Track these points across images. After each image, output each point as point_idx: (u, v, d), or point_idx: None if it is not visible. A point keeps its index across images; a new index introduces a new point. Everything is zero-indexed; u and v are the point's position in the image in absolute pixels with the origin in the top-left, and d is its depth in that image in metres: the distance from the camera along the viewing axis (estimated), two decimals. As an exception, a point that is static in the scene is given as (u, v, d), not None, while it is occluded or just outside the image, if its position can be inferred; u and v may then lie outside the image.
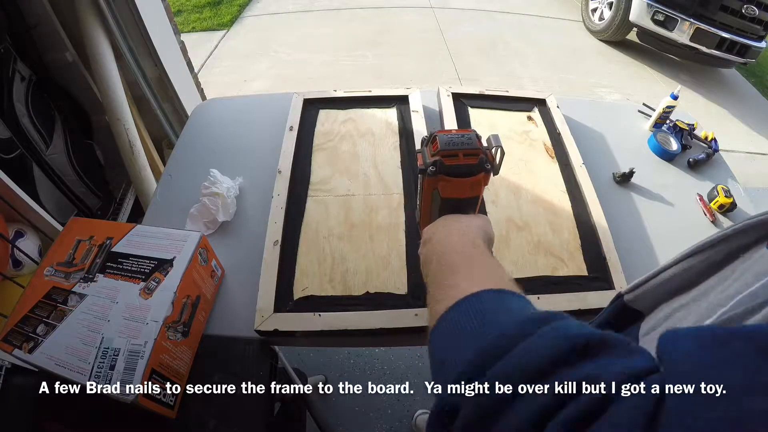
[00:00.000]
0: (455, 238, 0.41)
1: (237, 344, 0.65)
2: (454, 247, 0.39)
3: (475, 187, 0.45)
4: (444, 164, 0.42)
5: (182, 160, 0.93)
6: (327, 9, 3.47)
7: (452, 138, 0.43)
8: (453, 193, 0.44)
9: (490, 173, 0.44)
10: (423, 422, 1.24)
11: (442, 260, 0.38)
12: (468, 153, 0.42)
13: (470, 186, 0.44)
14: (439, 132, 0.44)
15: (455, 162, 0.42)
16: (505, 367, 0.22)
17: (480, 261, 0.37)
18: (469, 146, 0.42)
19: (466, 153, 0.42)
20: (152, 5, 1.41)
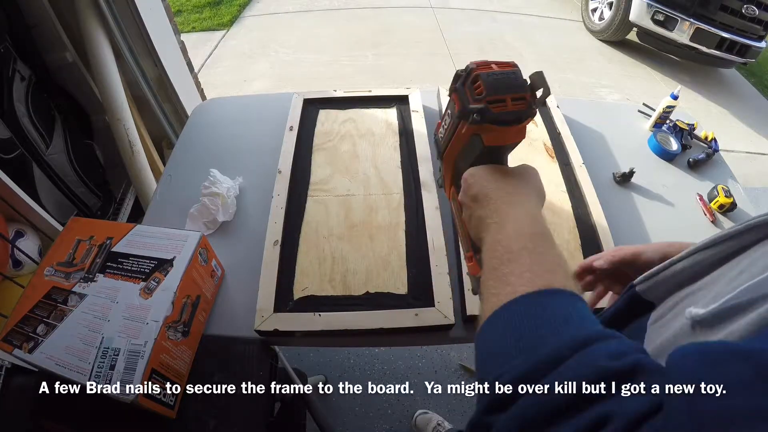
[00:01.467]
0: (519, 205, 0.36)
1: (237, 344, 0.65)
2: (513, 226, 0.35)
3: (520, 133, 0.40)
4: (492, 112, 0.36)
5: (182, 160, 0.93)
6: (327, 9, 3.47)
7: (497, 78, 0.37)
8: (497, 140, 0.40)
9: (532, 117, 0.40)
10: (423, 422, 1.24)
11: (498, 239, 0.34)
12: (516, 99, 0.37)
13: (515, 133, 0.40)
14: (479, 68, 0.37)
15: (503, 109, 0.36)
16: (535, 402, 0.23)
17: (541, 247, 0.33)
18: (517, 89, 0.37)
19: (514, 98, 0.37)
20: (152, 5, 1.41)
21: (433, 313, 0.64)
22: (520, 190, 0.39)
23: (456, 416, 1.28)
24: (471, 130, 0.39)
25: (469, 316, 0.65)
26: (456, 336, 0.66)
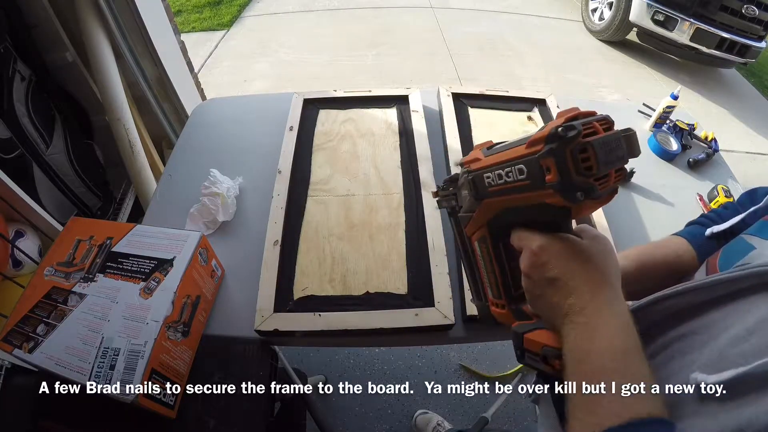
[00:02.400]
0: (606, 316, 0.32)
1: (237, 344, 0.65)
2: (605, 338, 0.31)
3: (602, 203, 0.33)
4: (598, 192, 0.29)
5: (182, 160, 0.93)
6: (327, 9, 3.47)
7: (606, 148, 0.29)
8: (578, 213, 0.33)
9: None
10: (423, 422, 1.24)
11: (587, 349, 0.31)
12: (619, 169, 0.31)
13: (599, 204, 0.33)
14: (590, 135, 0.29)
15: (607, 186, 0.30)
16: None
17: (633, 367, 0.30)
18: (621, 160, 0.31)
19: (617, 171, 0.31)
20: (152, 5, 1.41)
21: (433, 313, 0.64)
22: (607, 279, 0.33)
23: (456, 416, 1.28)
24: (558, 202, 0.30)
25: (469, 316, 0.65)
26: (456, 336, 0.66)
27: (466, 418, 1.28)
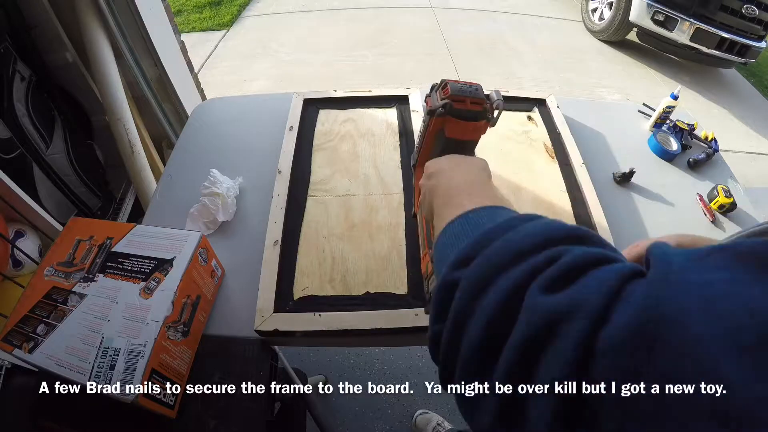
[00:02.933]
0: (462, 168, 0.43)
1: (237, 344, 0.65)
2: (461, 176, 0.41)
3: (476, 131, 0.49)
4: (453, 107, 0.46)
5: (182, 160, 0.93)
6: (327, 9, 3.47)
7: (462, 87, 0.47)
8: (457, 134, 0.48)
9: (489, 123, 0.49)
10: (423, 422, 1.24)
11: (450, 185, 0.40)
12: (474, 101, 0.47)
13: (472, 130, 0.49)
14: (450, 80, 0.48)
15: (463, 107, 0.46)
16: (498, 247, 0.24)
17: (483, 186, 0.39)
18: (476, 95, 0.47)
19: (473, 101, 0.46)
20: (152, 5, 1.41)
21: (433, 313, 0.64)
22: (468, 161, 0.45)
23: (456, 416, 1.28)
24: (438, 124, 0.48)
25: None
26: (456, 336, 0.66)
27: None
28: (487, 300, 0.21)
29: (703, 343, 0.14)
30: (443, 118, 0.47)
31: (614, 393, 0.15)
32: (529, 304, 0.20)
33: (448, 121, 0.48)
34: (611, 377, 0.16)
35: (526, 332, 0.19)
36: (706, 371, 0.14)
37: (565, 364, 0.17)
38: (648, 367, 0.15)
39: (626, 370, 0.15)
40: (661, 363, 0.15)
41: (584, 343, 0.17)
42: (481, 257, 0.24)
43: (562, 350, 0.17)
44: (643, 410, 0.15)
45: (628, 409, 0.15)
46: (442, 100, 0.47)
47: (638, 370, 0.15)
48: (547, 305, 0.19)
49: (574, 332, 0.17)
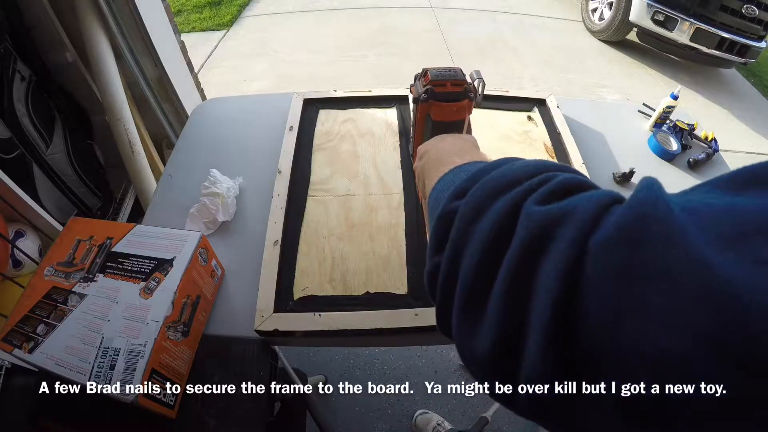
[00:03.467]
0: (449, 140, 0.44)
1: (237, 344, 0.65)
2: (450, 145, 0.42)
3: (460, 111, 0.51)
4: (434, 91, 0.49)
5: (182, 160, 0.93)
6: (327, 9, 3.47)
7: (441, 71, 0.50)
8: (442, 116, 0.51)
9: (473, 101, 0.52)
10: (423, 422, 1.24)
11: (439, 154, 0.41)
12: (455, 83, 0.50)
13: (457, 110, 0.51)
14: (430, 68, 0.52)
15: (444, 90, 0.49)
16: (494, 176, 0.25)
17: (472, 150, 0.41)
18: (455, 78, 0.50)
19: (453, 83, 0.49)
20: (152, 5, 1.41)
21: (433, 313, 0.64)
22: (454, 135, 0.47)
23: (456, 416, 1.28)
24: (423, 109, 0.51)
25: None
26: (456, 336, 0.66)
27: (466, 418, 1.28)
28: (485, 221, 0.22)
29: (688, 233, 0.15)
30: (427, 103, 0.50)
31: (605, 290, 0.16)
32: (526, 215, 0.20)
33: (432, 105, 0.51)
34: (603, 274, 0.16)
35: (525, 238, 0.19)
36: (691, 258, 0.14)
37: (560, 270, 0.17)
38: (636, 259, 0.15)
39: (616, 264, 0.16)
40: (648, 255, 0.15)
41: (579, 243, 0.17)
42: (477, 186, 0.24)
43: (558, 251, 0.18)
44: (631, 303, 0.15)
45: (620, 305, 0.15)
46: (424, 87, 0.50)
47: (627, 263, 0.15)
48: (543, 212, 0.19)
49: (568, 233, 0.18)
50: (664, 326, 0.14)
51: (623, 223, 0.16)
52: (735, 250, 0.14)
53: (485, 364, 0.20)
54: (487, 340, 0.20)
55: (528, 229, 0.19)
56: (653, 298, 0.14)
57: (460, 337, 0.23)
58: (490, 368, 0.20)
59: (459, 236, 0.23)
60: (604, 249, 0.16)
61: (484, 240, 0.21)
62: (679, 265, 0.14)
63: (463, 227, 0.23)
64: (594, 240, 0.17)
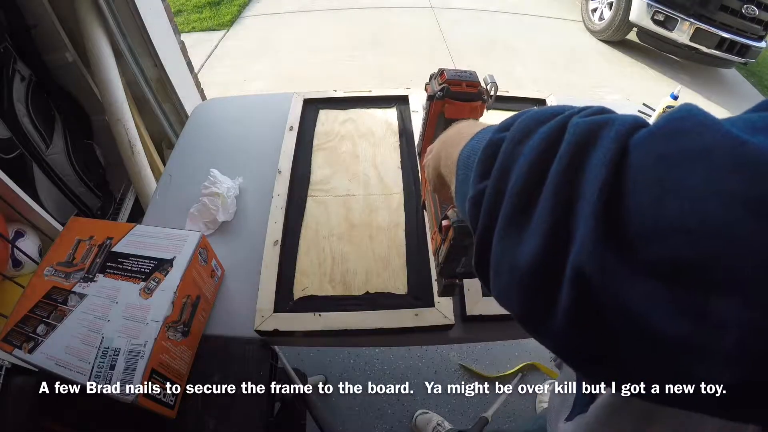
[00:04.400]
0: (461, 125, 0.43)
1: (237, 344, 0.65)
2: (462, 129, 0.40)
3: (474, 111, 0.53)
4: (450, 90, 0.51)
5: (182, 160, 0.93)
6: (326, 9, 3.47)
7: (457, 72, 0.52)
8: (456, 114, 0.52)
9: (485, 103, 0.53)
10: (423, 422, 1.24)
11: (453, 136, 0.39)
12: (470, 84, 0.51)
13: (470, 110, 0.52)
14: (446, 69, 0.54)
15: (459, 89, 0.51)
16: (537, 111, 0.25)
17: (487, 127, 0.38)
18: (471, 79, 0.52)
19: (468, 84, 0.51)
20: (152, 5, 1.41)
21: (433, 313, 0.64)
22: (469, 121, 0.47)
23: (456, 416, 1.28)
24: (437, 107, 0.53)
25: (469, 316, 0.65)
26: (456, 336, 0.66)
27: (466, 418, 1.28)
28: (534, 138, 0.22)
29: (722, 123, 0.16)
30: (442, 101, 0.52)
31: (648, 175, 0.17)
32: (573, 125, 0.21)
33: (447, 103, 0.52)
34: (645, 162, 0.17)
35: (572, 141, 0.20)
36: (725, 137, 0.15)
37: (606, 158, 0.18)
38: (674, 147, 0.17)
39: (657, 153, 0.17)
40: (685, 141, 0.16)
41: (623, 139, 0.19)
42: (522, 117, 0.25)
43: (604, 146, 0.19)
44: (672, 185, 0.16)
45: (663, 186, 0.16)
46: (440, 85, 0.52)
47: (666, 151, 0.17)
48: (589, 120, 0.21)
49: (613, 133, 0.19)
50: (704, 198, 0.15)
51: (662, 122, 0.18)
52: (766, 134, 0.15)
53: (530, 268, 0.20)
54: (535, 243, 0.20)
55: (575, 134, 0.21)
56: (692, 176, 0.16)
57: (502, 251, 0.22)
58: (537, 273, 0.20)
59: (507, 157, 0.24)
60: (647, 141, 0.18)
61: (534, 152, 0.22)
62: (713, 144, 0.16)
63: (510, 148, 0.24)
64: (636, 137, 0.19)
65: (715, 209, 0.15)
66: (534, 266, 0.20)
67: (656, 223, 0.16)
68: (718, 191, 0.15)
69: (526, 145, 0.23)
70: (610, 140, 0.19)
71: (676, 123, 0.17)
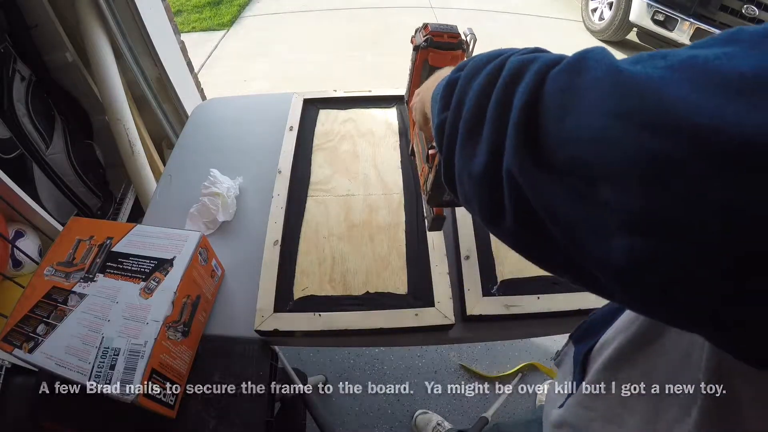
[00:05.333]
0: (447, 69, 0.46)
1: (237, 344, 0.65)
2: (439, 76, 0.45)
3: (455, 59, 0.58)
4: (433, 40, 0.56)
5: (182, 160, 0.93)
6: (326, 9, 3.47)
7: (440, 25, 0.58)
8: (439, 62, 0.58)
9: (465, 53, 0.58)
10: (423, 422, 1.24)
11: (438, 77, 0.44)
12: (451, 36, 0.57)
13: (452, 58, 0.57)
14: (430, 22, 0.59)
15: (441, 40, 0.57)
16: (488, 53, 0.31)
17: None
18: (452, 31, 0.57)
19: (449, 35, 0.57)
20: (152, 5, 1.41)
21: (433, 313, 0.64)
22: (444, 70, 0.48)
23: (456, 416, 1.28)
24: (422, 56, 0.58)
25: (469, 316, 0.65)
26: (456, 336, 0.66)
27: (466, 418, 1.28)
28: (481, 75, 0.28)
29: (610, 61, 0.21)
30: (426, 51, 0.57)
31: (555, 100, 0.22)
32: (509, 62, 0.26)
33: (430, 52, 0.58)
34: (554, 90, 0.22)
35: (506, 75, 0.26)
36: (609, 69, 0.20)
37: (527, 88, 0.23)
38: (576, 79, 0.21)
39: (562, 83, 0.22)
40: (581, 76, 0.21)
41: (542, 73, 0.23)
42: (473, 59, 0.31)
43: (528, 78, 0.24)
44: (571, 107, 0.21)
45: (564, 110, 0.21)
46: (425, 37, 0.57)
47: (569, 82, 0.22)
48: (521, 58, 0.26)
49: (535, 67, 0.24)
50: (590, 116, 0.19)
51: (570, 59, 0.23)
52: (643, 63, 0.19)
53: (481, 175, 0.26)
54: (482, 155, 0.26)
55: (509, 69, 0.26)
56: (584, 102, 0.20)
57: (462, 165, 0.28)
58: (485, 178, 0.26)
59: (461, 92, 0.29)
60: (556, 76, 0.23)
61: (480, 86, 0.27)
62: (601, 75, 0.20)
63: (464, 84, 0.29)
64: (552, 72, 0.23)
65: (597, 122, 0.19)
66: (484, 173, 0.26)
67: (559, 135, 0.21)
68: (600, 110, 0.19)
69: (475, 82, 0.28)
70: (532, 74, 0.24)
71: (578, 62, 0.22)
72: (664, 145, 0.16)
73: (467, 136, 0.27)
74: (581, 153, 0.20)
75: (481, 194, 0.26)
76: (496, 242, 0.73)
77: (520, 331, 0.65)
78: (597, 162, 0.19)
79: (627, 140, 0.18)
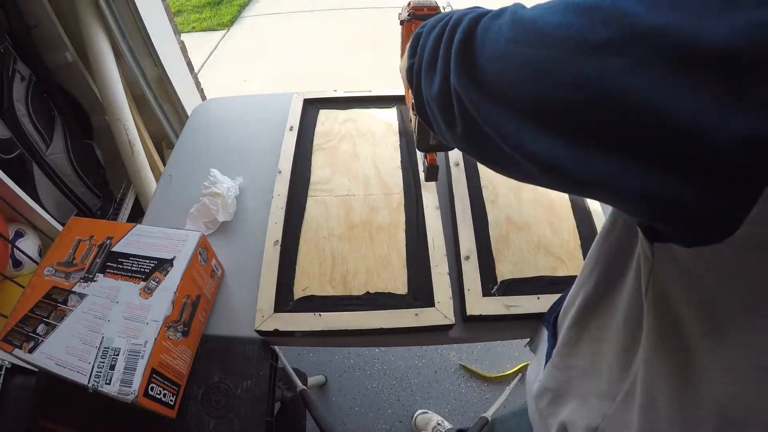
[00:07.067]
0: None
1: (237, 344, 0.65)
2: None
3: None
4: (415, 14, 0.63)
5: (182, 160, 0.93)
6: (327, 9, 3.47)
7: (420, 1, 0.64)
8: None
9: None
10: (423, 422, 1.24)
11: None
12: (430, 8, 0.64)
13: None
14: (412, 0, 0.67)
15: (422, 12, 0.63)
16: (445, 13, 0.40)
17: None
18: (430, 4, 0.64)
19: (429, 8, 0.64)
20: (152, 5, 1.42)
21: (433, 313, 0.64)
22: None
23: (456, 416, 1.29)
24: (407, 28, 0.64)
25: (469, 316, 0.65)
26: (456, 336, 0.66)
27: (466, 418, 1.28)
28: (435, 31, 0.36)
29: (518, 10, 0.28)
30: (410, 23, 0.64)
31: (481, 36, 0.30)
32: (454, 16, 0.34)
33: (414, 24, 0.64)
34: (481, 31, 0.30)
35: (449, 24, 0.34)
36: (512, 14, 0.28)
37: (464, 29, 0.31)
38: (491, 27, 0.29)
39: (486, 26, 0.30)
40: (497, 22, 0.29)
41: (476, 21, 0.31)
42: (433, 19, 0.39)
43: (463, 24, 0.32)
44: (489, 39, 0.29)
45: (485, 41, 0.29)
46: (408, 12, 0.64)
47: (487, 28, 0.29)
48: (461, 12, 0.34)
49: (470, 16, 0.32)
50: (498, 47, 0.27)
51: (493, 12, 0.31)
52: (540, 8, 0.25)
53: (438, 95, 0.34)
54: (438, 80, 0.34)
55: (454, 20, 0.34)
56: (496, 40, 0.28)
57: (426, 92, 0.37)
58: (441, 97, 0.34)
59: (423, 41, 0.38)
60: (483, 23, 0.30)
61: (435, 36, 0.36)
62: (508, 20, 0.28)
63: (425, 36, 0.38)
64: (482, 21, 0.31)
65: (503, 51, 0.27)
66: (440, 92, 0.34)
67: (483, 58, 0.29)
68: (504, 44, 0.27)
69: (432, 34, 0.36)
70: (468, 20, 0.32)
71: (499, 11, 0.30)
72: (537, 52, 0.24)
73: (428, 69, 0.36)
74: (498, 70, 0.27)
75: (440, 109, 0.35)
76: (496, 242, 0.73)
77: (521, 331, 0.65)
78: (504, 73, 0.27)
79: (515, 55, 0.26)
